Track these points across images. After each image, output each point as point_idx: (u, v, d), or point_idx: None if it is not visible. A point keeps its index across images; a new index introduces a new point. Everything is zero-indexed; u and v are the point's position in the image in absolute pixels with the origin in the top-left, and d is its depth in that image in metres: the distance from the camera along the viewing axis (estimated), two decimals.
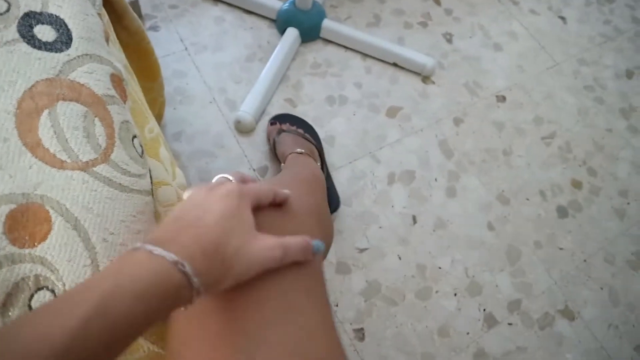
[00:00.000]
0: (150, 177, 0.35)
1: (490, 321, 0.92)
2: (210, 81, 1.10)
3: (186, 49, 1.13)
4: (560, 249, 1.01)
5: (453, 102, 1.15)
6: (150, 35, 1.15)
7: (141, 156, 0.35)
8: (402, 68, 1.17)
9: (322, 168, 0.94)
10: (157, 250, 0.29)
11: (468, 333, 0.91)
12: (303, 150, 0.89)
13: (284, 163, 0.90)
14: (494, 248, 0.99)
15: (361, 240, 0.96)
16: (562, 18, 1.34)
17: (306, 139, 0.96)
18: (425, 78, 1.17)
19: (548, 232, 1.03)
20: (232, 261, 0.33)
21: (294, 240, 0.38)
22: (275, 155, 0.98)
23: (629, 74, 1.28)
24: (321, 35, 1.17)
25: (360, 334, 0.89)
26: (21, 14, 0.34)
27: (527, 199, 1.05)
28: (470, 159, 1.08)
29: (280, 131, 0.98)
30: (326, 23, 1.16)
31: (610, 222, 1.06)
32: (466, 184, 1.05)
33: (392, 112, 1.11)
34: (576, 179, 1.10)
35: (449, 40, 1.24)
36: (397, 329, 0.90)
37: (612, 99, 1.23)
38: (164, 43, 1.13)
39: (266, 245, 0.35)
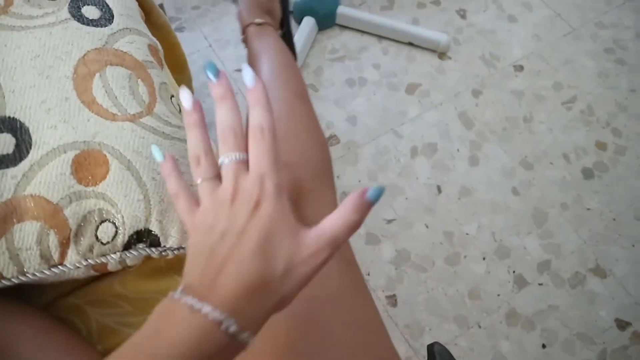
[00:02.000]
0: None
1: (520, 282, 0.94)
2: (234, 74, 1.15)
3: (210, 45, 1.20)
4: (588, 209, 1.02)
5: (470, 75, 1.17)
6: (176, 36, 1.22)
7: (179, 112, 0.40)
8: (417, 47, 1.20)
9: (282, 22, 0.89)
10: (197, 305, 0.26)
11: (499, 295, 0.93)
12: (262, 20, 0.81)
13: (243, 37, 0.83)
14: (520, 212, 1.01)
15: (388, 211, 1.00)
16: None
17: None
18: (442, 54, 1.19)
19: (574, 193, 1.03)
20: (281, 290, 0.28)
21: (341, 221, 0.30)
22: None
23: None
24: (337, 21, 1.21)
25: (392, 300, 0.92)
26: None
27: (551, 163, 1.06)
28: (491, 128, 1.10)
29: None
30: (341, 10, 1.20)
31: (639, 181, 1.06)
32: (488, 152, 1.07)
33: (410, 89, 1.14)
34: (600, 141, 1.10)
35: (463, 16, 1.26)
36: (428, 294, 0.93)
37: (634, 60, 1.22)
38: (189, 42, 1.20)
39: (312, 253, 0.29)
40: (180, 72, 0.90)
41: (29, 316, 0.37)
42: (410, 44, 1.20)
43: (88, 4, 0.39)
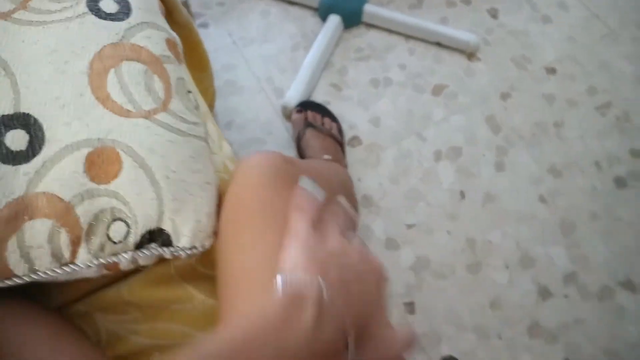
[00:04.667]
0: (205, 129, 0.39)
1: (544, 294, 0.91)
2: (258, 72, 1.15)
3: (234, 42, 1.19)
4: (619, 220, 0.98)
5: (500, 77, 1.13)
6: (200, 32, 1.21)
7: (196, 108, 0.39)
8: (446, 47, 1.17)
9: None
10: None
11: (521, 306, 0.90)
12: (330, 157, 0.92)
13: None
14: (547, 221, 0.97)
15: (409, 217, 0.98)
16: None
17: (332, 136, 0.99)
18: (470, 55, 1.16)
19: (605, 203, 0.99)
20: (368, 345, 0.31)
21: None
22: (299, 147, 1.00)
23: None
24: (363, 20, 1.19)
25: (410, 307, 0.90)
26: None
27: (582, 171, 1.02)
28: (519, 133, 1.06)
29: (307, 124, 1.00)
30: (367, 8, 1.18)
31: None
32: (515, 158, 1.03)
33: (437, 90, 1.11)
34: (636, 149, 1.05)
35: (494, 16, 1.22)
36: (447, 302, 0.90)
37: None
38: (213, 38, 1.20)
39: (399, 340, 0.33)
40: (202, 70, 0.90)
41: (42, 318, 0.36)
42: (438, 44, 1.17)
43: None
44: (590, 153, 1.05)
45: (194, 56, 0.87)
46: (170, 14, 0.76)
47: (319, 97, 1.10)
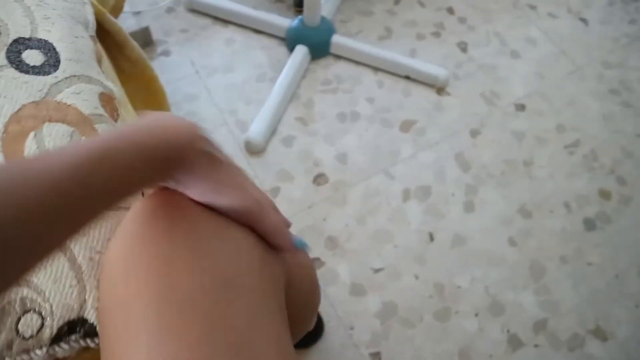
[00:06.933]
0: None
1: (514, 343, 0.88)
2: (221, 103, 1.10)
3: (197, 72, 1.14)
4: (589, 264, 0.96)
5: (469, 113, 1.11)
6: (162, 60, 1.16)
7: None
8: (414, 80, 1.14)
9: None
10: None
11: (491, 356, 0.87)
12: None
13: None
14: (516, 264, 0.94)
15: (376, 260, 0.93)
16: (583, 20, 1.29)
17: None
18: (440, 89, 1.14)
19: (574, 246, 0.97)
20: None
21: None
22: None
23: None
24: (331, 51, 1.16)
25: (377, 358, 0.85)
26: (10, 40, 0.35)
27: (551, 212, 1.00)
28: (489, 171, 1.04)
29: None
30: (335, 39, 1.14)
31: None
32: (485, 197, 1.01)
33: (405, 126, 1.09)
34: (604, 189, 1.04)
35: (464, 50, 1.21)
36: (415, 352, 0.86)
37: None
38: (175, 67, 1.15)
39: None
40: (158, 106, 0.85)
41: None
42: (407, 77, 1.14)
43: (31, 48, 0.34)
44: (560, 193, 1.03)
45: (149, 93, 0.82)
46: (123, 50, 0.70)
47: (284, 132, 1.06)
